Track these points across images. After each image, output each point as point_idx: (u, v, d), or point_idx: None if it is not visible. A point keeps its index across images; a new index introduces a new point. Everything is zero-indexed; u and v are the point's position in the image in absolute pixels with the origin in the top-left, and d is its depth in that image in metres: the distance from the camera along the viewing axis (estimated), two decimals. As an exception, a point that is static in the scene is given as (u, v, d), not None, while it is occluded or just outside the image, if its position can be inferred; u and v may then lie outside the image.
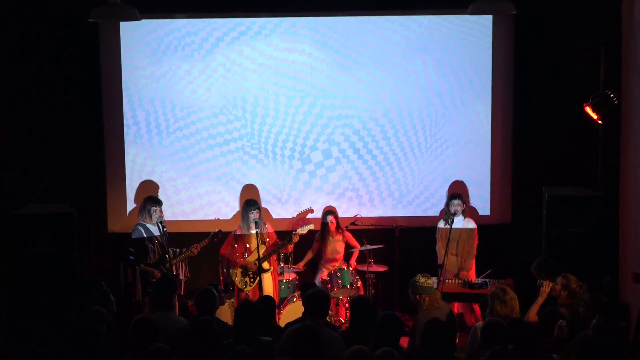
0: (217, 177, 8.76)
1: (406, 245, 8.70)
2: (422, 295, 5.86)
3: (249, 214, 7.72)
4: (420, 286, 5.88)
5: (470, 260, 7.99)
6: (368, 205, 8.89)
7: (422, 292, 5.86)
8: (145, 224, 7.53)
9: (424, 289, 5.87)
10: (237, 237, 7.82)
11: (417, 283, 5.90)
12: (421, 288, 5.87)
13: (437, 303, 5.87)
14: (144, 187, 8.58)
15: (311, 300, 5.27)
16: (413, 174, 8.87)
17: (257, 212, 7.70)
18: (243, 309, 5.11)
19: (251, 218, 7.70)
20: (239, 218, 8.17)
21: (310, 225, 7.94)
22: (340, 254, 8.48)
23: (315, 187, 8.87)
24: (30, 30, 8.14)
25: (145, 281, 7.41)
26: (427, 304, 5.84)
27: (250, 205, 7.76)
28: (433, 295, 5.89)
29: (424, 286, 5.87)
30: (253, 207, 7.72)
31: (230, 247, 7.85)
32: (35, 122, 8.31)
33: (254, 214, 7.69)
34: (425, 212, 8.86)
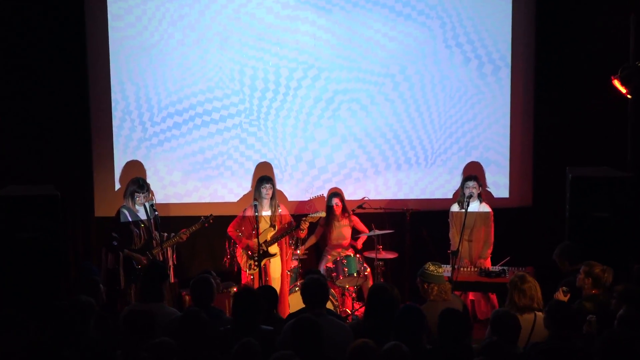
0: (212, 156, 8.76)
1: (418, 230, 8.73)
2: (431, 285, 5.85)
3: (261, 189, 7.76)
4: (429, 274, 5.87)
5: (487, 247, 8.00)
6: (376, 187, 8.90)
7: (431, 280, 5.85)
8: (130, 207, 7.54)
9: (432, 278, 5.86)
10: (246, 217, 7.85)
11: (426, 271, 5.90)
12: (430, 276, 5.86)
13: (446, 295, 5.83)
14: (132, 168, 8.57)
15: (306, 290, 5.31)
16: (425, 154, 8.88)
17: (269, 188, 7.71)
18: (242, 295, 5.16)
19: (264, 194, 7.72)
20: (237, 200, 8.18)
21: (320, 213, 7.99)
22: (346, 240, 8.50)
23: (320, 167, 8.88)
24: (11, 0, 8.23)
25: (130, 268, 7.43)
26: (435, 294, 5.82)
27: (263, 181, 7.80)
28: (442, 286, 5.85)
29: (434, 274, 5.86)
30: (265, 183, 7.75)
31: (238, 227, 7.90)
32: (15, 98, 8.31)
33: (267, 190, 7.70)
34: (438, 195, 8.89)
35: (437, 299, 5.80)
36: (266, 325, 5.29)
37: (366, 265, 8.27)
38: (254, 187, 7.89)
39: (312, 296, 5.27)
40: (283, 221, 7.92)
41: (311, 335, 4.68)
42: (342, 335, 5.09)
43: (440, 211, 8.50)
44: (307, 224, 7.82)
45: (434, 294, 5.82)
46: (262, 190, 7.71)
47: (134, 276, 7.39)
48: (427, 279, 5.87)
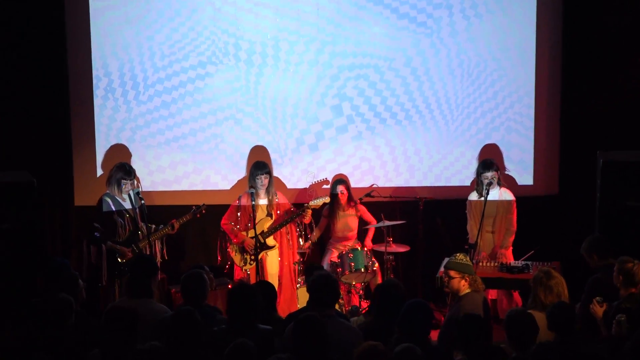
0: (205, 139, 8.76)
1: (431, 221, 8.73)
2: (472, 276, 5.91)
3: (256, 178, 7.76)
4: (461, 264, 5.91)
5: (509, 240, 7.99)
6: (386, 173, 8.89)
7: (465, 270, 5.88)
8: (114, 195, 7.55)
9: (465, 267, 5.89)
10: (241, 207, 7.86)
11: (455, 260, 5.94)
12: (462, 266, 5.90)
13: (479, 285, 5.92)
14: (115, 152, 8.58)
15: (316, 287, 5.32)
16: (441, 136, 8.86)
17: (265, 177, 7.72)
18: (237, 291, 5.18)
19: (259, 184, 7.72)
20: (233, 188, 8.18)
21: (324, 198, 7.99)
22: (352, 232, 8.49)
23: (323, 151, 8.86)
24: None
25: (113, 263, 7.44)
26: (480, 282, 5.90)
27: (259, 168, 7.81)
28: (475, 276, 5.94)
29: (465, 263, 5.91)
30: (262, 171, 7.76)
31: (232, 218, 7.88)
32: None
33: (262, 180, 7.70)
34: (454, 182, 8.88)
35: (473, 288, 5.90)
36: (264, 324, 5.29)
37: (374, 260, 8.24)
38: (248, 174, 7.87)
39: (322, 296, 5.29)
40: (281, 210, 7.90)
41: (313, 335, 4.70)
42: (352, 338, 5.10)
43: (457, 200, 8.48)
44: (309, 211, 7.81)
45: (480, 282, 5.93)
46: (257, 180, 7.70)
47: (118, 271, 7.42)
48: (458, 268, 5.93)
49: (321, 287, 5.29)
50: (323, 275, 5.43)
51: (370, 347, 4.45)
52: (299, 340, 4.72)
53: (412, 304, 5.05)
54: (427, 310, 5.04)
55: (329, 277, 5.41)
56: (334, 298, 5.37)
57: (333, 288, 5.35)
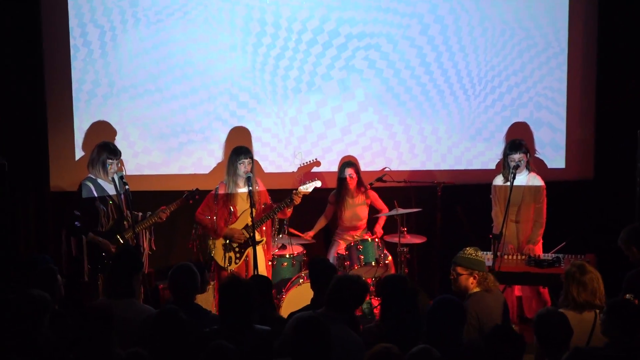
0: (196, 117, 8.75)
1: (451, 208, 8.75)
2: (481, 273, 5.88)
3: (237, 165, 7.70)
4: (469, 259, 5.89)
5: (538, 232, 7.97)
6: (400, 155, 8.92)
7: (472, 266, 5.87)
8: (97, 179, 7.52)
9: (473, 263, 5.88)
10: (218, 198, 7.85)
11: (463, 255, 5.93)
12: (470, 261, 5.88)
13: (491, 284, 5.89)
14: (97, 131, 8.54)
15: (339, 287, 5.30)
16: (461, 113, 8.87)
17: (248, 163, 7.70)
18: (229, 286, 5.14)
19: (241, 171, 7.69)
20: (222, 172, 8.15)
21: (316, 182, 7.93)
22: (362, 221, 8.50)
23: (329, 131, 8.85)
24: None
25: (96, 255, 7.41)
26: (492, 282, 5.88)
27: (239, 154, 7.73)
28: (485, 273, 5.91)
29: (474, 259, 5.89)
30: (243, 157, 7.72)
31: (208, 211, 7.87)
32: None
33: (245, 166, 7.69)
34: (476, 165, 8.92)
35: (481, 287, 5.87)
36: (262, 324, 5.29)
37: (387, 252, 8.25)
38: (228, 158, 7.83)
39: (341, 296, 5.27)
40: (262, 199, 7.89)
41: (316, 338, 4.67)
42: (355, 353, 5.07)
43: (479, 185, 8.50)
44: (299, 199, 7.77)
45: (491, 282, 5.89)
46: (239, 166, 7.66)
47: (102, 265, 7.39)
48: (465, 264, 5.90)
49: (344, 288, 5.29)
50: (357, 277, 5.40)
51: (383, 350, 4.44)
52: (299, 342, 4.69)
53: (441, 302, 5.03)
54: (457, 308, 5.03)
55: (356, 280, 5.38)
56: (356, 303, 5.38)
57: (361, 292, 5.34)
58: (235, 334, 4.91)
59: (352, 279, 5.37)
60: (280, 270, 8.19)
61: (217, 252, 7.86)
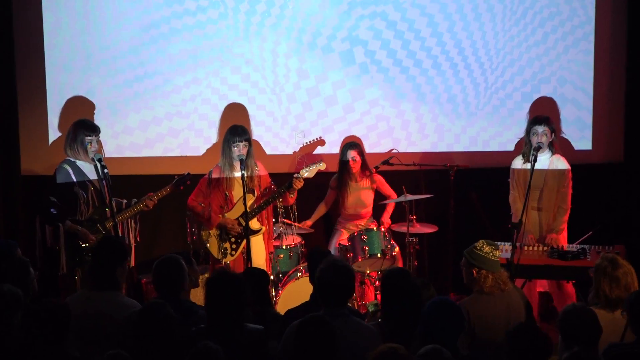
0: (182, 92, 8.72)
1: (465, 194, 8.79)
2: (481, 271, 5.83)
3: (232, 147, 7.67)
4: (481, 256, 5.85)
5: (562, 217, 7.93)
6: (409, 136, 8.91)
7: (483, 265, 5.84)
8: (76, 162, 7.47)
9: (485, 262, 5.84)
10: (213, 183, 7.83)
11: (477, 251, 5.89)
12: (481, 259, 5.84)
13: (505, 285, 5.86)
14: (72, 108, 8.51)
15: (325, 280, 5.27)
16: (476, 88, 8.86)
17: (244, 146, 7.69)
18: (217, 281, 5.13)
19: (235, 154, 7.68)
20: (216, 154, 8.13)
21: (319, 165, 7.88)
22: (367, 208, 8.51)
23: (331, 109, 8.82)
24: None
25: (74, 246, 7.36)
26: (490, 285, 5.81)
27: (235, 134, 7.70)
28: (499, 274, 5.88)
29: (488, 258, 5.84)
30: (239, 138, 7.68)
31: (202, 197, 7.83)
32: None
33: (240, 150, 7.68)
34: (494, 146, 8.94)
35: (493, 290, 5.82)
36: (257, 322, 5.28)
37: (394, 243, 8.24)
38: (223, 139, 7.82)
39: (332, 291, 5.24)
40: (262, 184, 7.87)
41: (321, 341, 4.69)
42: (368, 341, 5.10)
43: (497, 168, 8.50)
44: (301, 183, 7.74)
45: (489, 284, 5.82)
46: (233, 150, 7.64)
47: (80, 257, 7.36)
48: (476, 261, 5.87)
49: (331, 279, 5.24)
50: (333, 264, 5.35)
51: (389, 350, 4.44)
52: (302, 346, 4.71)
53: (435, 304, 5.01)
54: (453, 311, 5.00)
55: (341, 267, 5.34)
56: (347, 294, 5.33)
57: (346, 281, 5.30)
58: (224, 333, 4.91)
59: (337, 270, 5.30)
60: (277, 263, 8.19)
61: (211, 243, 7.84)
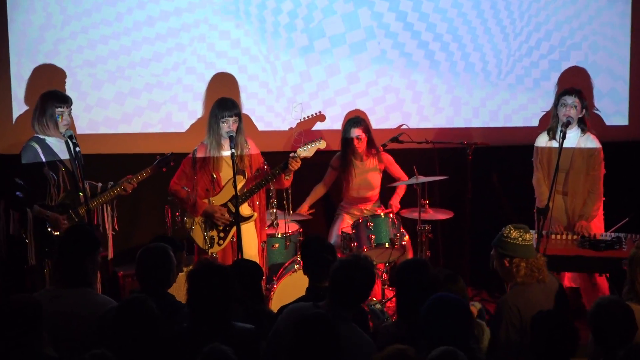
0: (163, 60, 8.74)
1: (485, 176, 8.86)
2: (515, 260, 5.80)
3: (220, 122, 7.66)
4: (510, 243, 5.82)
5: (592, 207, 7.96)
6: (420, 110, 8.95)
7: (515, 253, 5.80)
8: (45, 139, 7.44)
9: (516, 249, 5.81)
10: (198, 163, 7.83)
11: (504, 238, 5.86)
12: (511, 246, 5.82)
13: (541, 274, 5.82)
14: (41, 77, 8.51)
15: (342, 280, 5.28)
16: (498, 57, 8.94)
17: (234, 122, 7.69)
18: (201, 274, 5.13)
19: (224, 130, 7.67)
20: (201, 130, 8.11)
21: (319, 143, 7.84)
22: (373, 191, 8.57)
23: (332, 79, 8.83)
24: None
25: (43, 234, 7.34)
26: (523, 274, 5.78)
27: (223, 108, 7.69)
28: (534, 260, 5.84)
29: (517, 244, 5.82)
30: (229, 113, 7.67)
31: (185, 180, 7.83)
32: None
33: (229, 125, 7.67)
34: (516, 122, 9.02)
35: (528, 280, 5.79)
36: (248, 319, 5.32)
37: (404, 231, 8.27)
38: (209, 114, 7.83)
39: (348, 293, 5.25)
40: (254, 164, 7.86)
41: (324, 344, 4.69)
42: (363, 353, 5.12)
43: (520, 146, 8.55)
44: (298, 164, 7.72)
45: (522, 274, 5.80)
46: (222, 125, 7.64)
47: (50, 247, 7.27)
48: (508, 250, 5.85)
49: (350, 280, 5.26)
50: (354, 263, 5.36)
51: (397, 352, 4.47)
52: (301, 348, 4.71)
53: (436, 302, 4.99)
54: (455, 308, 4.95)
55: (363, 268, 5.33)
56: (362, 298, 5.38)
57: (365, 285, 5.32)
58: (209, 333, 4.92)
59: (359, 266, 5.34)
60: (271, 254, 8.19)
61: (196, 232, 7.85)
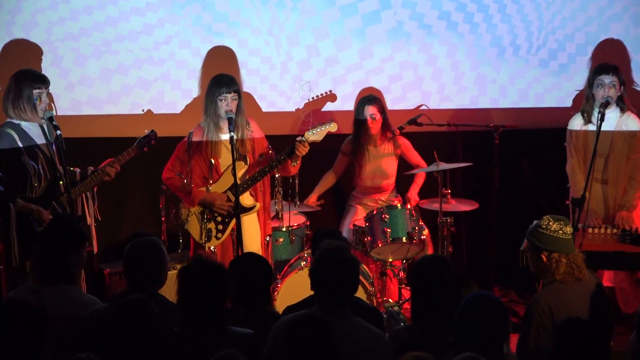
0: (154, 33, 8.76)
1: (513, 162, 8.95)
2: (554, 255, 5.75)
3: (217, 101, 7.68)
4: (549, 236, 5.79)
5: (635, 191, 7.96)
6: (442, 88, 9.03)
7: (555, 247, 5.76)
8: (21, 124, 7.40)
9: (556, 243, 5.76)
10: (193, 148, 7.81)
11: (541, 230, 5.83)
12: (550, 239, 5.78)
13: (580, 272, 5.79)
14: (13, 54, 8.57)
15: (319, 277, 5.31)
16: (528, 29, 9.01)
17: (232, 99, 7.65)
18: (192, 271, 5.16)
19: (222, 110, 7.65)
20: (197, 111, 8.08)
21: (329, 125, 7.79)
22: (389, 179, 8.63)
23: (343, 54, 8.86)
24: None
25: (28, 231, 7.29)
26: (563, 271, 5.75)
27: (221, 84, 7.70)
28: (574, 256, 5.82)
29: (556, 237, 5.78)
30: (227, 89, 7.67)
31: (180, 166, 7.85)
32: None
33: (227, 103, 7.64)
34: (549, 102, 9.04)
35: (567, 278, 5.76)
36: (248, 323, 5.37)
37: (423, 224, 8.29)
38: (206, 92, 7.83)
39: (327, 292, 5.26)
40: (256, 149, 7.85)
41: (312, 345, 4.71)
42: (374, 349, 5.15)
43: (553, 129, 8.59)
44: (306, 148, 7.68)
45: (562, 269, 5.76)
46: (219, 104, 7.64)
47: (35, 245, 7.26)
48: (545, 244, 5.80)
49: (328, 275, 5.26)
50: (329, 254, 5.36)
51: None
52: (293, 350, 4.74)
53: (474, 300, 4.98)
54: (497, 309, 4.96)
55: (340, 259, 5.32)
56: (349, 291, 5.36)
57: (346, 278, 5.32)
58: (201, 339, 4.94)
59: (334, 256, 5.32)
60: (275, 249, 8.22)
61: (192, 223, 7.83)
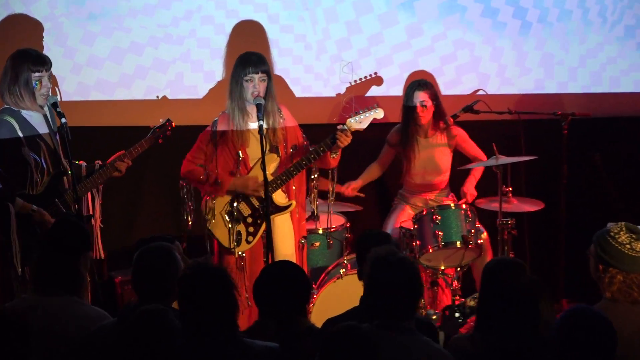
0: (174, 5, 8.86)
1: (584, 155, 9.05)
2: (610, 270, 5.63)
3: (244, 82, 7.66)
4: (613, 246, 5.64)
5: None
6: (501, 72, 9.17)
7: (615, 261, 5.62)
8: (21, 111, 7.37)
9: (617, 257, 5.62)
10: (218, 138, 7.80)
11: (609, 237, 5.67)
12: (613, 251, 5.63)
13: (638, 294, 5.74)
14: (10, 31, 8.65)
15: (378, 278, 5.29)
16: (601, 1, 9.12)
17: (261, 80, 7.59)
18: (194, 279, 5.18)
19: (249, 92, 7.60)
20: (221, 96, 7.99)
21: (375, 111, 7.78)
22: (442, 175, 8.68)
23: (387, 32, 8.92)
24: None
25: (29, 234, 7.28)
26: (616, 289, 5.63)
27: (247, 63, 7.69)
28: (636, 277, 5.69)
29: (621, 250, 5.63)
30: (253, 69, 7.66)
31: (203, 157, 7.83)
32: None
33: (255, 85, 7.58)
34: (625, 86, 9.19)
35: (621, 297, 5.65)
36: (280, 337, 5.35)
37: (480, 227, 8.32)
38: (231, 74, 7.84)
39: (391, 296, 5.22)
40: (289, 140, 7.79)
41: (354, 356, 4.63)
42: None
43: (629, 118, 8.95)
44: (348, 138, 7.60)
45: (615, 288, 5.66)
46: (246, 85, 7.62)
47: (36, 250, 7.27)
48: (607, 254, 5.68)
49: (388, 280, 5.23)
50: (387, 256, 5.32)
51: None
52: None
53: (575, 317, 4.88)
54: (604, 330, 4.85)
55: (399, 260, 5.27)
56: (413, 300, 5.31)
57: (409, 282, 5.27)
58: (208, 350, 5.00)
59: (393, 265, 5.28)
60: (311, 255, 8.26)
61: (217, 225, 7.78)
